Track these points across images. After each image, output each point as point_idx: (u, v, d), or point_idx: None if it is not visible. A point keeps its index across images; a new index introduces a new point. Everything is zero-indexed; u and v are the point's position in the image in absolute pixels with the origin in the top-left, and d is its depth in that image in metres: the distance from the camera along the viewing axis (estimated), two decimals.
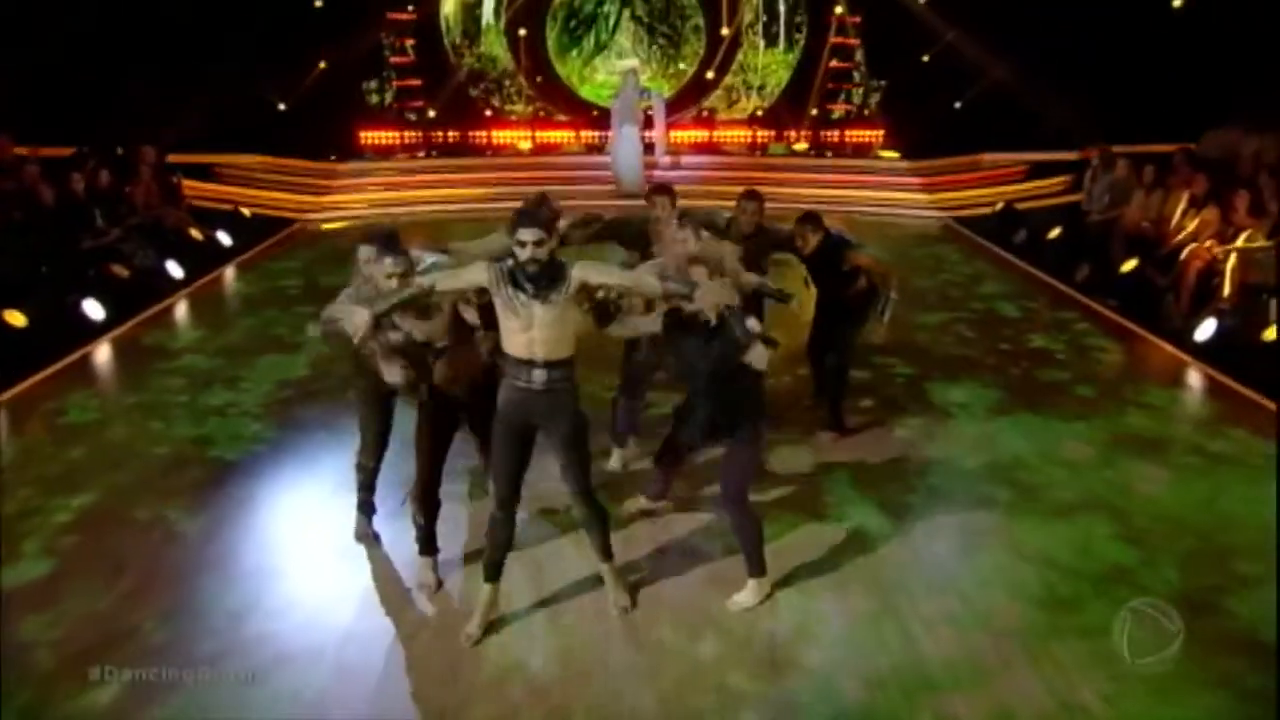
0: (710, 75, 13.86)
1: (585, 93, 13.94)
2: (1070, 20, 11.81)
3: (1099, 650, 3.53)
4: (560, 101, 13.96)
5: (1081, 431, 5.40)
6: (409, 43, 13.37)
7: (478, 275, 3.37)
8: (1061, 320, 7.50)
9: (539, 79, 13.90)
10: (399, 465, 4.42)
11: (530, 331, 3.38)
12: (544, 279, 3.33)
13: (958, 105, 12.49)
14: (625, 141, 11.78)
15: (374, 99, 13.47)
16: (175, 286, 8.27)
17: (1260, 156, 9.20)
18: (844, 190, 12.10)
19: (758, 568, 3.83)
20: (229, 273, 9.07)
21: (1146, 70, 11.36)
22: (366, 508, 4.30)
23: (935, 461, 5.07)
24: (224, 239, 9.60)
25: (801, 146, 13.50)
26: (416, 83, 13.46)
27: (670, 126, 13.06)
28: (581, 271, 3.38)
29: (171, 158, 10.64)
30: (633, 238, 4.77)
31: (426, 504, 3.94)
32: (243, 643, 3.58)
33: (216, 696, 3.32)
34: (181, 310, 7.92)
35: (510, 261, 3.36)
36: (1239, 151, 9.65)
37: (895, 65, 12.89)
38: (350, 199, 12.12)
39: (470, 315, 3.71)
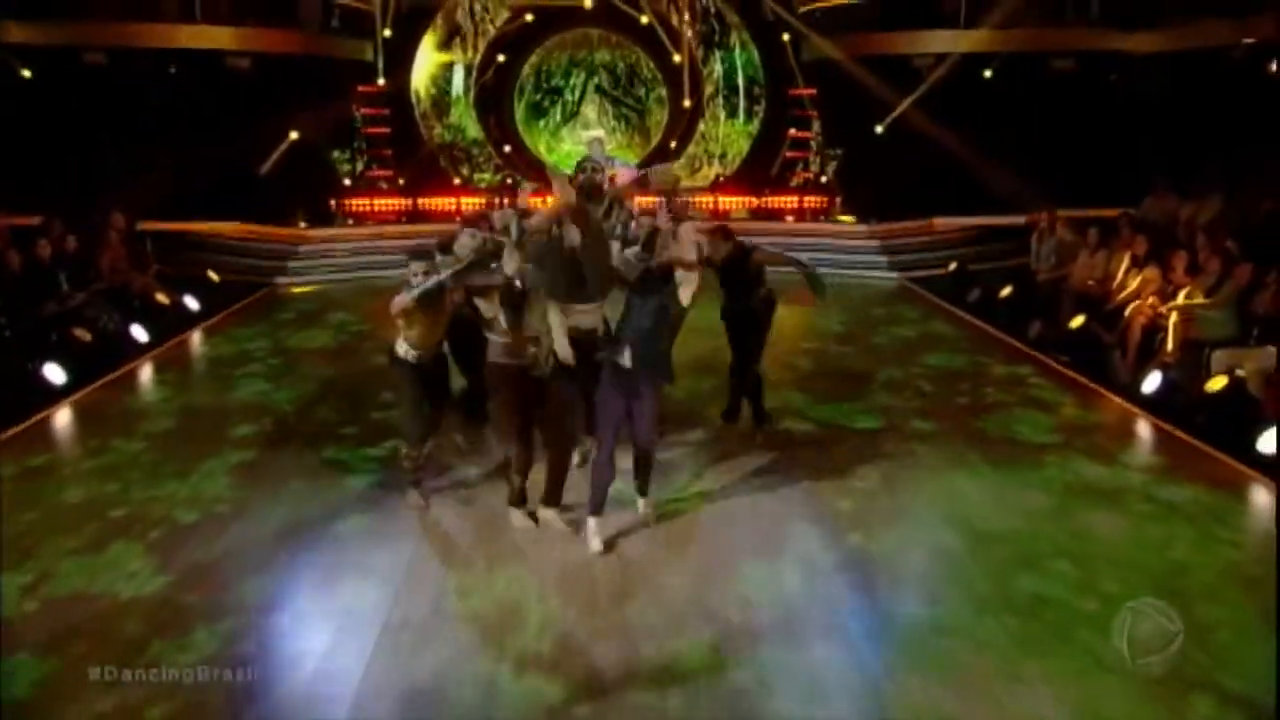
0: (674, 144, 14.35)
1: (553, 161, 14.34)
2: (1018, 97, 12.54)
3: (1062, 695, 3.55)
4: (528, 169, 14.31)
5: (1037, 481, 5.52)
6: (380, 114, 13.71)
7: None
8: (1015, 375, 7.71)
9: (507, 148, 14.27)
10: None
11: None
12: None
13: (912, 175, 13.01)
14: None
15: (344, 168, 13.71)
16: (139, 350, 8.20)
17: (1195, 220, 9.68)
18: (805, 253, 12.36)
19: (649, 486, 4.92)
20: (195, 336, 9.02)
21: (1090, 141, 12.00)
22: (418, 484, 5.10)
23: (895, 511, 5.15)
24: (192, 304, 9.57)
25: (763, 212, 13.92)
26: (387, 152, 13.75)
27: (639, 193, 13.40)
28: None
29: (145, 224, 10.67)
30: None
31: (522, 466, 4.82)
32: (196, 705, 3.49)
33: None
34: (145, 374, 7.84)
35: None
36: (1176, 215, 10.12)
37: (850, 135, 13.46)
38: (319, 264, 12.19)
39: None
